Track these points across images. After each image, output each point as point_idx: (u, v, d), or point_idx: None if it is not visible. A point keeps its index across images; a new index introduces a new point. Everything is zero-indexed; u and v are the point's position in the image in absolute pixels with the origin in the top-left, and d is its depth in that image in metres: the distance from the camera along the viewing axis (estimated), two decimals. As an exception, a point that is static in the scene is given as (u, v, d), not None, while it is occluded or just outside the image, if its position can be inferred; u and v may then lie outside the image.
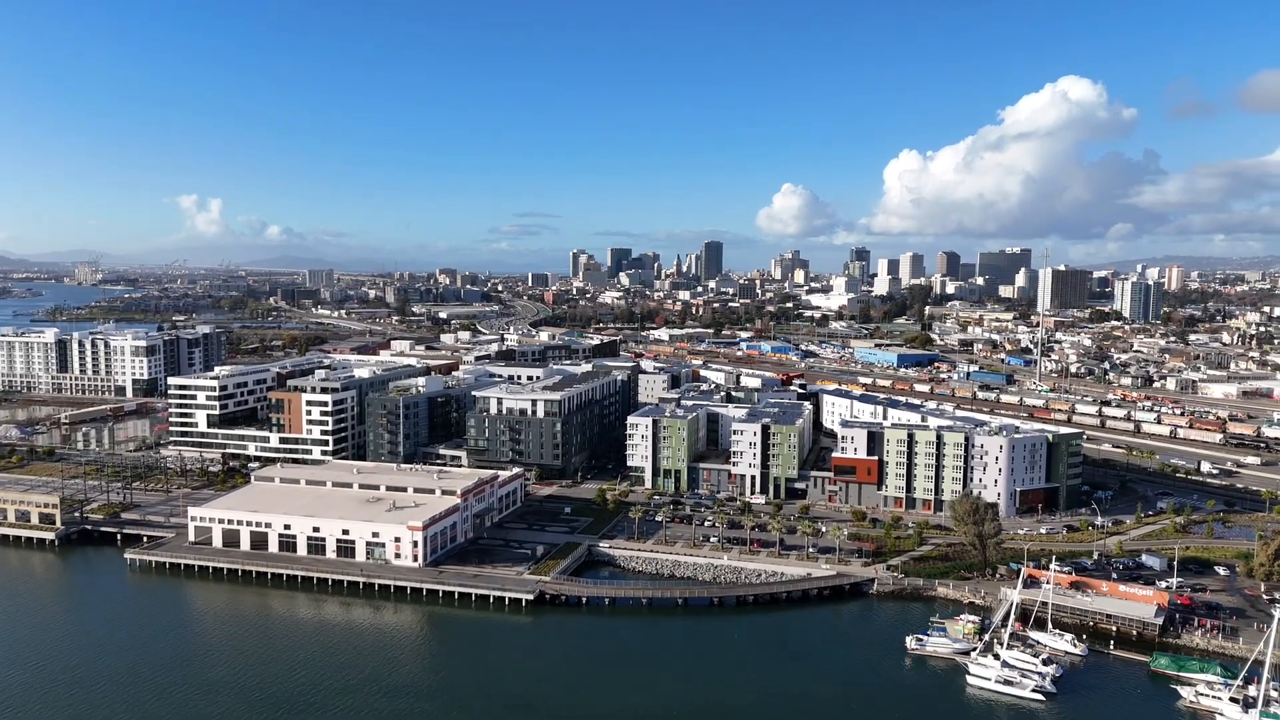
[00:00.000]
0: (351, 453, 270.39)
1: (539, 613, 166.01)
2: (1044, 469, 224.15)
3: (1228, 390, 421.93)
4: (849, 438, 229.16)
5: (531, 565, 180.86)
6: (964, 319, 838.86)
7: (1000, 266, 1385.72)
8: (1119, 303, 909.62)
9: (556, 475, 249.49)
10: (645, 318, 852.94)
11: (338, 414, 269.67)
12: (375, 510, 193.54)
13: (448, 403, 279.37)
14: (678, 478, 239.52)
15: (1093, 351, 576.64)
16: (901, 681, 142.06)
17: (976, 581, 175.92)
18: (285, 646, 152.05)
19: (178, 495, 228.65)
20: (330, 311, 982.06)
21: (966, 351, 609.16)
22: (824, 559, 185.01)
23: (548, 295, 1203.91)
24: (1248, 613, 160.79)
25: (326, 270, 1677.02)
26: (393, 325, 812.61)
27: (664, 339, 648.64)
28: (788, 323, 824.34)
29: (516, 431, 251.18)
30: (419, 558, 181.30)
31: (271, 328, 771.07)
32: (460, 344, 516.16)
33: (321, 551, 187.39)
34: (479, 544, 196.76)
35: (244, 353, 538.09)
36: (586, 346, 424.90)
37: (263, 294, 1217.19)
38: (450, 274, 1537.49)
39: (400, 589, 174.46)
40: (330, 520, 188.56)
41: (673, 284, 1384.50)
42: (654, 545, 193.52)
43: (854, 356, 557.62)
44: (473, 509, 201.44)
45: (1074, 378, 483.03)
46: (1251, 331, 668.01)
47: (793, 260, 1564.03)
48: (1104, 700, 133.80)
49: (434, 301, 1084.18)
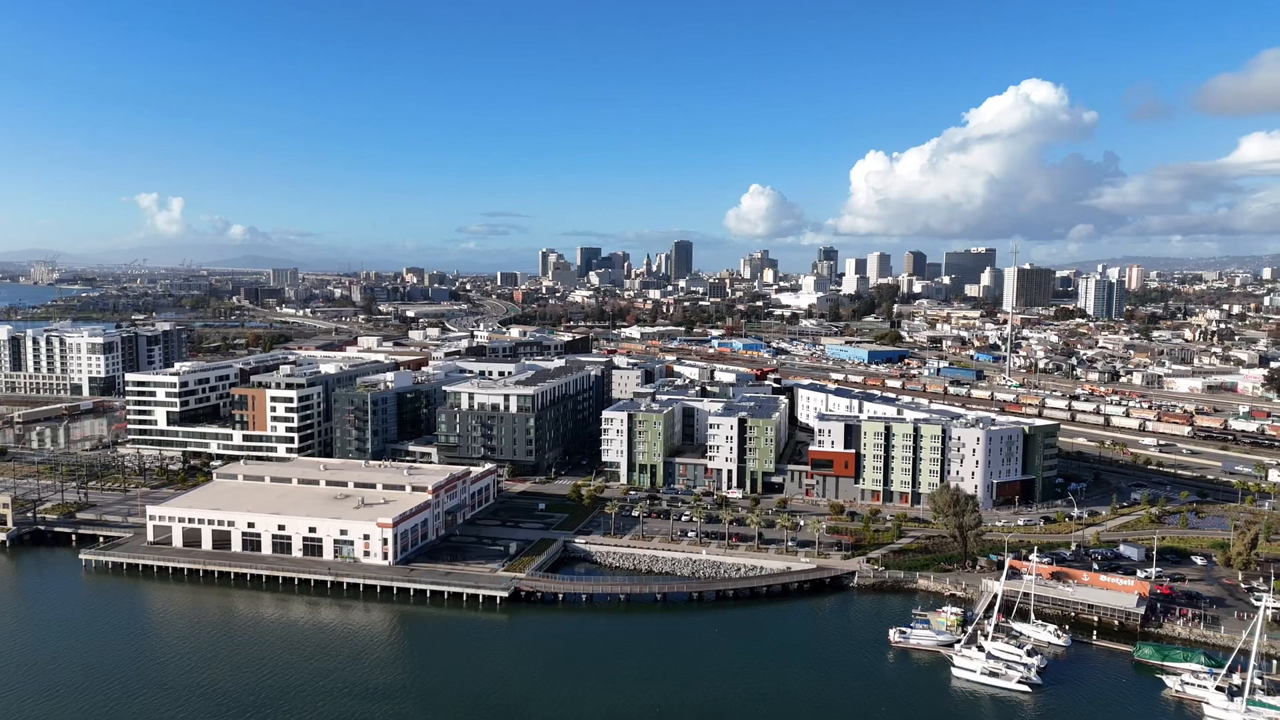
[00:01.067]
0: (318, 450, 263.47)
1: (514, 610, 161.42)
2: (1020, 461, 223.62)
3: (1193, 385, 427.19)
4: (826, 431, 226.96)
5: (506, 562, 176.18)
6: (931, 317, 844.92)
7: (966, 266, 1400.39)
8: (1083, 301, 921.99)
9: (530, 471, 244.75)
10: (616, 316, 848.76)
11: (303, 410, 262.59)
12: (343, 507, 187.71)
13: (417, 399, 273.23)
14: (653, 473, 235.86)
15: (1059, 348, 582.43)
16: (887, 675, 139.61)
17: (957, 573, 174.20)
18: (250, 649, 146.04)
19: (135, 494, 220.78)
20: (295, 310, 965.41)
21: (935, 349, 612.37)
22: (803, 553, 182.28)
23: (517, 294, 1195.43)
24: (1227, 602, 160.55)
25: (291, 269, 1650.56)
26: (359, 324, 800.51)
27: (635, 337, 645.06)
28: (758, 321, 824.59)
29: (489, 427, 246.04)
30: (389, 555, 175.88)
31: (235, 326, 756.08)
32: (429, 340, 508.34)
33: (287, 550, 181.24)
34: (451, 541, 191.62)
35: (206, 351, 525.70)
36: (558, 343, 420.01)
37: (225, 293, 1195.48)
38: (418, 273, 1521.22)
39: (370, 588, 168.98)
40: (296, 518, 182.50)
41: (643, 283, 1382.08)
42: (631, 540, 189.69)
43: (825, 353, 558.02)
44: (444, 506, 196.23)
45: (1042, 373, 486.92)
46: (1212, 328, 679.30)
47: (762, 260, 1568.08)
48: (1089, 691, 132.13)
49: (401, 301, 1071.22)
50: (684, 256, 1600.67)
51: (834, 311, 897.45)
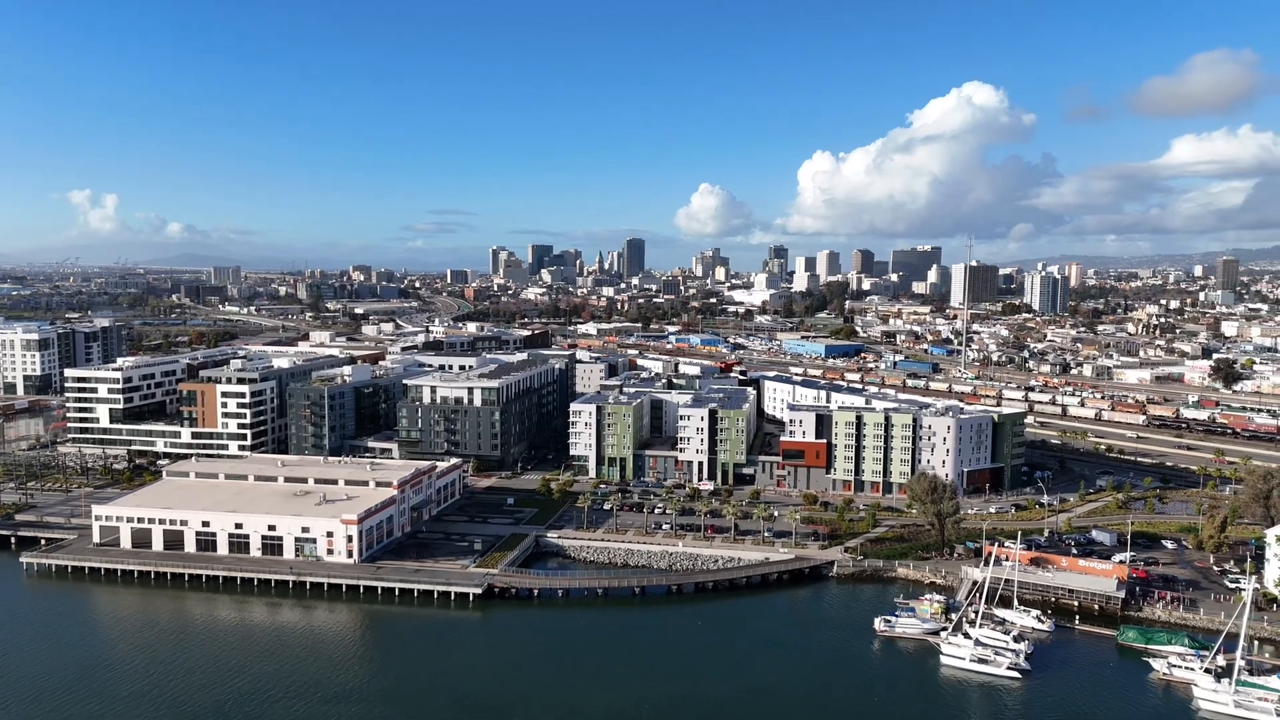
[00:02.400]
0: (272, 447, 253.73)
1: (488, 607, 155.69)
2: (990, 449, 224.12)
3: (1141, 376, 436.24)
4: (797, 421, 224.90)
5: (477, 558, 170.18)
6: (883, 313, 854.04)
7: (912, 264, 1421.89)
8: (1029, 296, 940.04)
9: (495, 466, 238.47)
10: (571, 313, 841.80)
11: (256, 406, 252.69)
12: (304, 504, 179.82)
13: (375, 393, 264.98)
14: (623, 465, 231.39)
15: (1010, 341, 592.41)
16: (874, 664, 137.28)
17: (936, 561, 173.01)
18: (206, 654, 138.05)
19: (79, 495, 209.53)
20: (239, 308, 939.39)
21: (890, 343, 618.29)
22: (780, 543, 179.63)
23: (468, 291, 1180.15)
24: (1202, 584, 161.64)
25: (233, 267, 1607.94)
26: (306, 321, 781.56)
27: (592, 333, 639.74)
28: (713, 317, 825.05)
29: (452, 421, 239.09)
30: (354, 553, 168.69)
31: (176, 324, 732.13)
32: (384, 336, 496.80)
33: (245, 550, 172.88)
34: (418, 538, 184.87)
35: (147, 349, 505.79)
36: (517, 338, 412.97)
37: (164, 291, 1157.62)
38: (365, 271, 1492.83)
39: (334, 587, 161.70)
40: (254, 515, 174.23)
41: (595, 281, 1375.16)
42: (605, 534, 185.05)
43: (783, 348, 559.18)
44: (410, 501, 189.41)
45: (996, 366, 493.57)
46: (1154, 322, 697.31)
47: (713, 258, 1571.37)
48: (1077, 675, 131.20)
49: (349, 298, 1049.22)
50: (636, 254, 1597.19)
51: (787, 308, 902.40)
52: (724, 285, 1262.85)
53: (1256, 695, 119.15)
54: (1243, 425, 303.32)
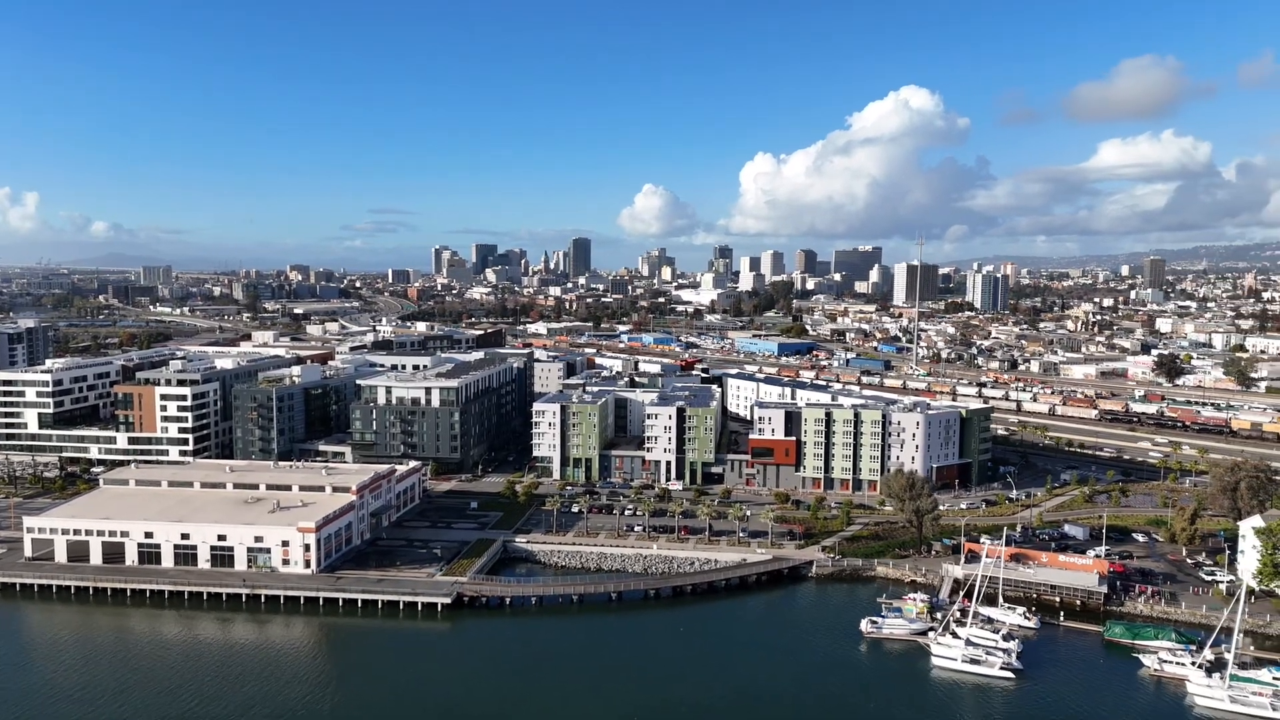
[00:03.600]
0: (215, 452, 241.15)
1: (457, 617, 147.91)
2: (958, 445, 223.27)
3: (1087, 371, 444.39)
4: (766, 419, 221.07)
5: (443, 566, 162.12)
6: (830, 311, 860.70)
7: (854, 264, 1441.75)
8: (970, 295, 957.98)
9: (455, 469, 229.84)
10: (519, 312, 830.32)
11: (198, 409, 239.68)
12: (256, 512, 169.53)
13: (326, 394, 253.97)
14: (588, 466, 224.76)
15: (957, 339, 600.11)
16: (864, 666, 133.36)
17: (915, 559, 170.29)
18: (151, 674, 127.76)
19: (7, 506, 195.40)
20: (171, 309, 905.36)
21: (839, 341, 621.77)
22: (756, 543, 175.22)
23: (411, 291, 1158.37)
24: (1178, 577, 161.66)
25: (163, 267, 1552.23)
26: (244, 322, 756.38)
27: (542, 332, 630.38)
28: (663, 317, 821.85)
29: (409, 423, 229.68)
30: (312, 563, 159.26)
31: (105, 325, 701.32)
32: (330, 335, 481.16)
33: (192, 562, 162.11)
34: (378, 545, 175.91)
35: (75, 351, 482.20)
36: (470, 336, 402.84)
37: (91, 292, 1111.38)
38: (303, 271, 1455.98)
39: (291, 599, 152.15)
40: (202, 525, 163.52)
41: (541, 280, 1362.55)
42: (575, 538, 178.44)
43: (735, 346, 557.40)
44: (369, 507, 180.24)
45: (945, 362, 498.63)
46: (1092, 320, 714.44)
47: (659, 258, 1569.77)
48: (1069, 673, 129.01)
49: (288, 298, 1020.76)
50: (582, 254, 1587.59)
51: (736, 307, 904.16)
52: (671, 285, 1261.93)
53: (1250, 690, 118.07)
54: (1192, 419, 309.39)
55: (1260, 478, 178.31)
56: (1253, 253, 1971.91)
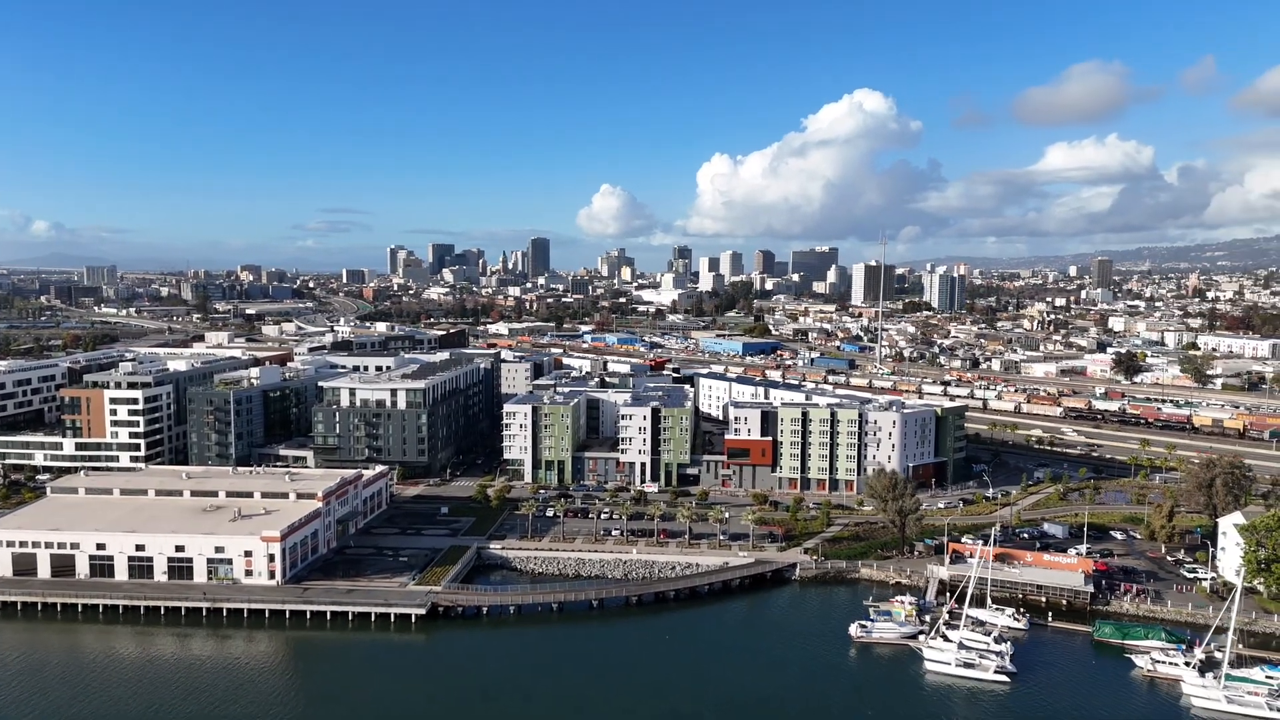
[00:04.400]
0: (169, 458, 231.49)
1: (432, 629, 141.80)
2: (933, 444, 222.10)
3: (1048, 369, 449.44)
4: (741, 418, 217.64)
5: (416, 575, 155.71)
6: (791, 311, 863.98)
7: (812, 264, 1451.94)
8: (928, 294, 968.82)
9: (422, 473, 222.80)
10: (478, 313, 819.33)
11: (150, 413, 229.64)
12: (216, 521, 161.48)
13: (286, 396, 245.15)
14: (561, 469, 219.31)
15: (918, 338, 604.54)
16: (855, 672, 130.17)
17: (899, 560, 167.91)
18: (104, 695, 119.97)
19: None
20: (117, 310, 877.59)
21: (802, 340, 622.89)
22: (736, 546, 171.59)
23: (367, 291, 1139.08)
24: (1160, 575, 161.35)
25: (108, 267, 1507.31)
26: (194, 323, 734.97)
27: (504, 333, 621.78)
28: (624, 317, 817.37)
29: (374, 426, 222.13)
30: (277, 574, 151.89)
31: (48, 327, 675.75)
32: (287, 336, 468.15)
33: (148, 574, 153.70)
34: (345, 554, 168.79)
35: (16, 353, 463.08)
36: (432, 337, 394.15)
37: (31, 293, 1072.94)
38: (254, 271, 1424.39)
39: (255, 613, 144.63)
40: (159, 535, 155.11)
41: (500, 280, 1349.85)
42: (551, 543, 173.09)
43: (699, 346, 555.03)
44: (335, 514, 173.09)
45: (908, 361, 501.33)
46: (1048, 319, 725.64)
47: (619, 258, 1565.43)
48: (1062, 675, 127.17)
49: (239, 299, 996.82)
50: (541, 254, 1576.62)
51: (697, 307, 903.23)
52: (631, 285, 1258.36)
53: (1246, 689, 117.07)
54: (1154, 415, 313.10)
55: (1235, 474, 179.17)
56: (1193, 253, 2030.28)
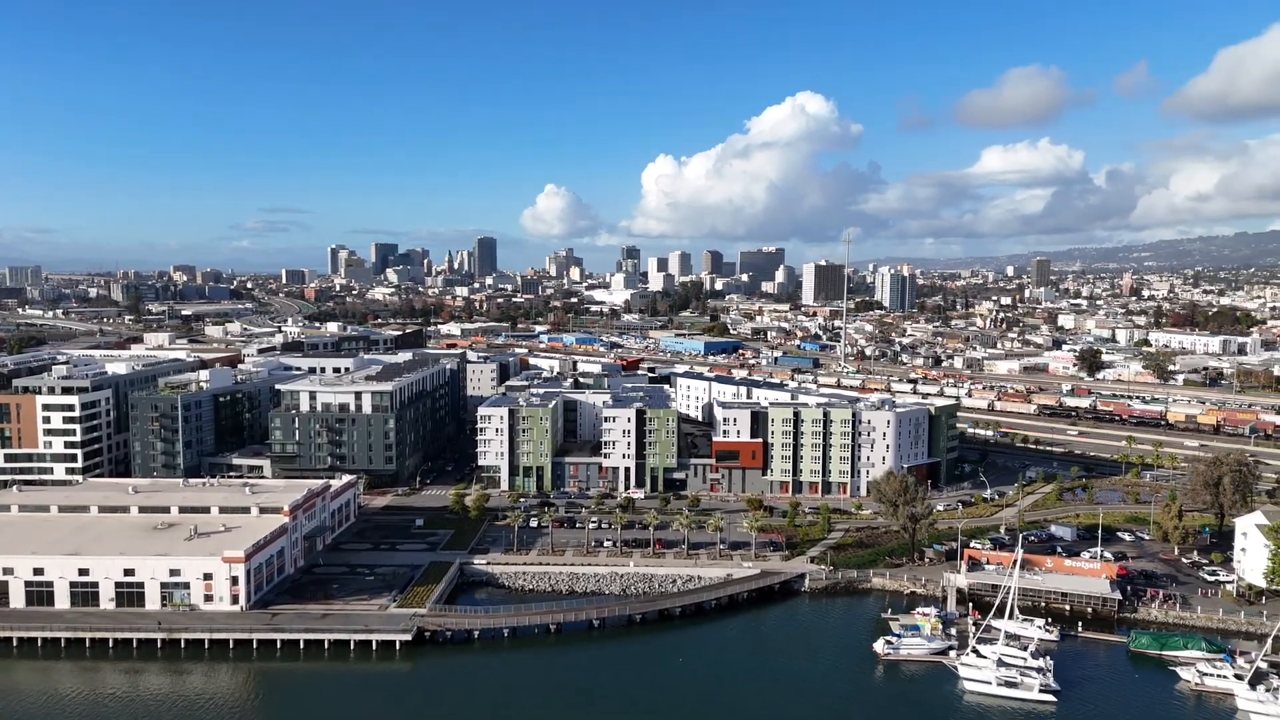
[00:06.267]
0: (109, 469, 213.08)
1: (418, 656, 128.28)
2: (927, 444, 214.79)
3: (1011, 366, 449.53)
4: (730, 419, 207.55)
5: (396, 595, 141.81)
6: (746, 311, 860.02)
7: (760, 264, 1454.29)
8: (879, 294, 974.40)
9: (390, 482, 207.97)
10: (427, 313, 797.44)
11: (88, 420, 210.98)
12: (170, 540, 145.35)
13: (238, 401, 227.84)
14: (540, 475, 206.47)
15: (877, 336, 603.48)
16: (887, 693, 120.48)
17: (910, 568, 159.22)
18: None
19: None
20: (43, 311, 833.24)
21: (762, 339, 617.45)
22: (739, 556, 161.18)
23: (309, 292, 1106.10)
24: (1180, 578, 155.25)
25: (32, 268, 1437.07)
26: (126, 325, 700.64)
27: (456, 333, 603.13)
28: (579, 316, 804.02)
29: (336, 432, 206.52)
30: (240, 598, 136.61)
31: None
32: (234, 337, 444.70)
33: (93, 602, 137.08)
34: (315, 573, 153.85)
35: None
36: (388, 338, 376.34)
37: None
38: (188, 271, 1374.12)
39: (218, 643, 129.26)
40: (104, 558, 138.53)
41: (446, 281, 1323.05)
42: (540, 556, 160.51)
43: (660, 346, 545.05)
44: (303, 529, 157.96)
45: (870, 359, 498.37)
46: (1000, 317, 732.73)
47: (567, 258, 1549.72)
48: (1105, 691, 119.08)
49: (173, 299, 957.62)
50: (488, 254, 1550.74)
51: (651, 307, 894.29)
52: (581, 285, 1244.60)
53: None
54: (1127, 412, 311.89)
55: (1243, 472, 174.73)
56: (1121, 254, 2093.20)
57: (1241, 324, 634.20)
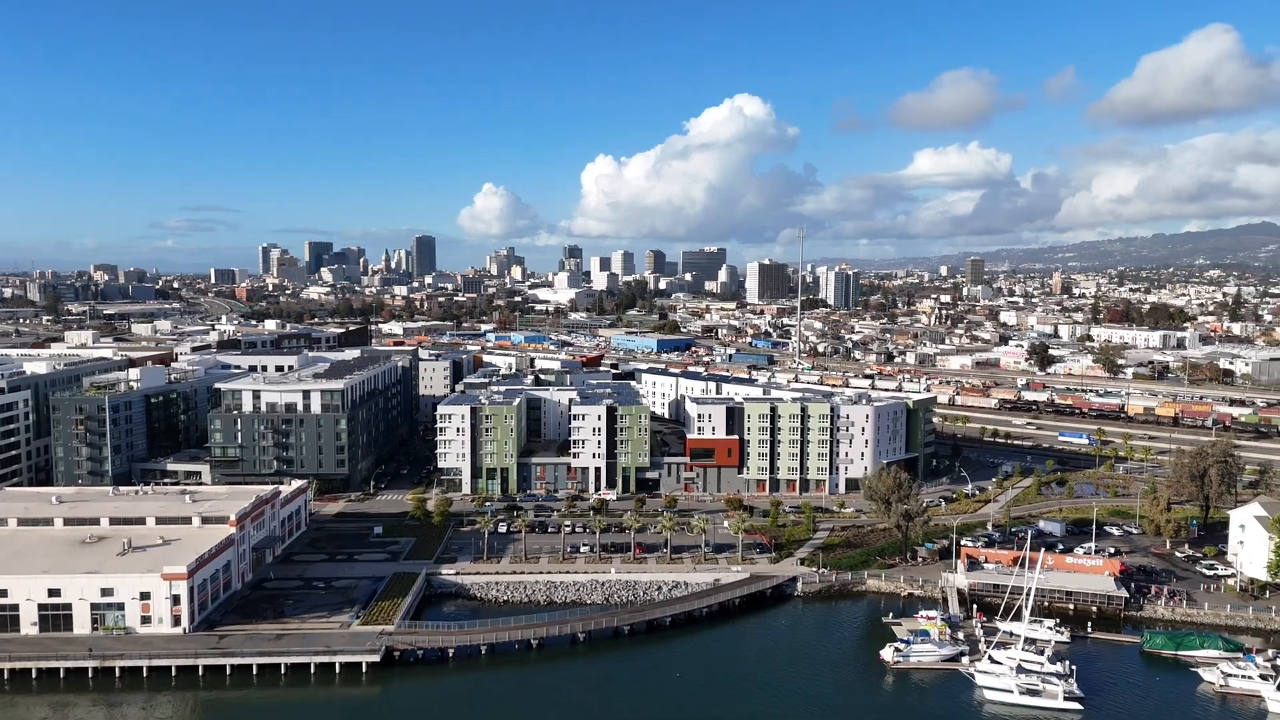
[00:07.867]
0: (28, 476, 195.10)
1: (387, 678, 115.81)
2: (904, 439, 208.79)
3: (963, 361, 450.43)
4: (705, 416, 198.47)
5: (359, 611, 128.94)
6: (694, 309, 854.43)
7: (702, 264, 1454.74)
8: (824, 292, 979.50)
9: (341, 487, 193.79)
10: (367, 312, 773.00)
11: (4, 424, 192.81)
12: (100, 556, 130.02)
13: (172, 402, 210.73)
14: (505, 477, 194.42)
15: (827, 333, 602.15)
16: (901, 705, 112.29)
17: (904, 568, 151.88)
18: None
19: None
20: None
21: (713, 337, 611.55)
22: (724, 559, 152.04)
23: (240, 291, 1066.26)
24: (1178, 573, 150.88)
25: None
26: (44, 325, 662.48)
27: (398, 332, 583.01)
28: (524, 315, 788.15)
29: (283, 434, 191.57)
30: (183, 619, 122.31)
31: None
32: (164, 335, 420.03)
33: (13, 627, 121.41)
34: (265, 588, 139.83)
35: None
36: (331, 335, 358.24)
37: None
38: (109, 271, 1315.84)
39: (159, 671, 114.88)
40: (25, 577, 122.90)
41: (383, 280, 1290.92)
42: (512, 564, 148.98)
43: (611, 344, 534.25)
44: (250, 540, 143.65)
45: (823, 356, 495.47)
46: (947, 313, 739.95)
47: (508, 257, 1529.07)
48: (1129, 696, 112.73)
49: (95, 299, 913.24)
50: (427, 253, 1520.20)
51: (598, 306, 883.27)
52: (524, 284, 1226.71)
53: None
54: (1086, 405, 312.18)
55: (1228, 464, 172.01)
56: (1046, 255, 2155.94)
57: (1175, 320, 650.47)
